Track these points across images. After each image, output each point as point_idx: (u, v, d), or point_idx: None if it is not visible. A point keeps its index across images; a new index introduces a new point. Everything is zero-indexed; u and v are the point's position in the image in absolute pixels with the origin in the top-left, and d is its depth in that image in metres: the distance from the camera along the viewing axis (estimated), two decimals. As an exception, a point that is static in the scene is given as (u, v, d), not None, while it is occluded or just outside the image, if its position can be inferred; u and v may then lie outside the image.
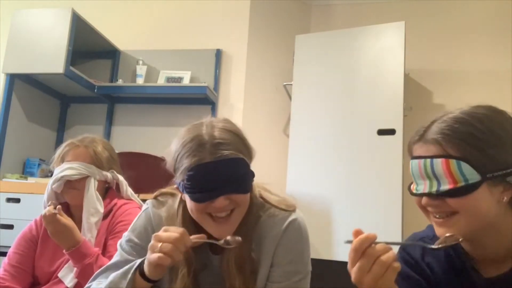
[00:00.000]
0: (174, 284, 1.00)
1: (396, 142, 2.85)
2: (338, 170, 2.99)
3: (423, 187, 0.83)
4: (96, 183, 1.47)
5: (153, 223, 1.07)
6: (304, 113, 3.16)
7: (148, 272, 0.93)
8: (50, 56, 2.79)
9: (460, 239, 0.79)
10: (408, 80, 3.24)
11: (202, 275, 1.03)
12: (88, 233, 1.40)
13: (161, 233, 0.91)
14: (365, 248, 0.76)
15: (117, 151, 1.65)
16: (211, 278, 1.02)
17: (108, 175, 1.51)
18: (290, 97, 3.37)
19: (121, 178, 1.55)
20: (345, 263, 0.80)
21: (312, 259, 1.07)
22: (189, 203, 0.96)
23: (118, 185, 1.56)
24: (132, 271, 0.95)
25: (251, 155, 1.04)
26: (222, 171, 0.92)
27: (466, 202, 0.79)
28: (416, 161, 0.84)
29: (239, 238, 0.94)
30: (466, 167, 0.78)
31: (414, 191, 0.86)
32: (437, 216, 0.83)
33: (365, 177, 2.91)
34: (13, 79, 2.88)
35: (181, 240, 0.89)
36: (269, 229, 1.02)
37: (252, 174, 1.00)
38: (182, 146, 0.95)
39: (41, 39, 2.83)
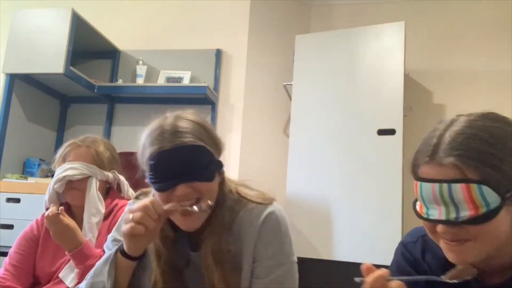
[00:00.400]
0: (159, 284, 1.00)
1: (396, 142, 2.85)
2: (338, 170, 2.99)
3: (437, 212, 0.75)
4: (98, 183, 1.47)
5: None
6: (304, 113, 3.16)
7: (127, 248, 0.93)
8: (50, 56, 2.79)
9: (475, 274, 0.74)
10: (408, 80, 3.24)
11: (187, 274, 1.03)
12: (90, 233, 1.40)
13: (133, 205, 0.93)
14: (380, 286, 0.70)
15: (117, 151, 1.65)
16: (196, 277, 1.01)
17: (110, 175, 1.51)
18: (290, 97, 3.37)
19: (122, 178, 1.55)
20: (345, 263, 0.80)
21: (312, 259, 1.07)
22: (155, 195, 0.97)
23: (119, 186, 1.56)
24: (113, 253, 0.96)
25: (218, 146, 1.01)
26: (181, 158, 0.92)
27: (487, 229, 0.72)
28: (428, 184, 0.75)
29: (209, 202, 0.94)
30: (487, 190, 0.71)
31: (425, 215, 0.78)
32: (449, 240, 0.76)
33: (365, 177, 2.91)
34: (13, 79, 2.88)
35: (151, 207, 0.89)
36: (248, 225, 1.01)
37: (218, 164, 0.99)
38: (146, 138, 0.97)
39: (41, 39, 2.83)
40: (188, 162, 0.92)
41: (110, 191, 1.56)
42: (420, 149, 0.81)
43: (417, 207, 0.81)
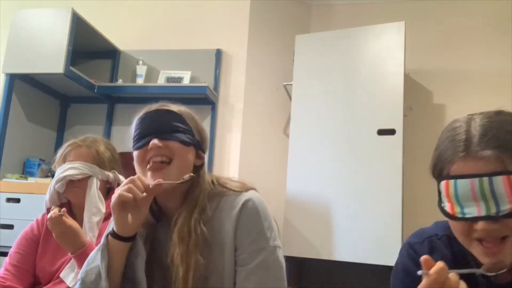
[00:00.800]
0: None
1: (396, 142, 2.85)
2: (338, 170, 2.99)
3: (475, 210, 0.72)
4: (98, 183, 1.47)
5: None
6: (304, 113, 3.16)
7: (116, 224, 0.97)
8: (50, 56, 2.79)
9: (509, 266, 0.72)
10: (408, 80, 3.24)
11: (156, 250, 1.05)
12: (90, 232, 1.40)
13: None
14: (444, 280, 0.69)
15: (117, 151, 1.65)
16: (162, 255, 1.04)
17: (110, 175, 1.52)
18: (290, 97, 3.37)
19: (122, 178, 1.55)
20: (345, 263, 0.80)
21: (312, 259, 1.07)
22: (135, 159, 1.05)
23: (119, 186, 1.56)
24: (104, 237, 0.99)
25: (201, 134, 1.10)
26: (160, 119, 1.04)
27: None
28: (465, 181, 0.73)
29: (191, 174, 1.02)
30: None
31: (459, 215, 0.75)
32: (489, 239, 0.74)
33: (365, 177, 2.91)
34: (13, 79, 2.88)
35: (137, 179, 0.97)
36: (226, 214, 1.03)
37: (196, 142, 1.06)
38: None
39: (41, 39, 2.83)
40: (166, 122, 1.03)
41: (110, 191, 1.55)
42: (444, 148, 0.78)
43: (447, 209, 0.77)
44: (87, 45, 3.19)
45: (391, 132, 2.88)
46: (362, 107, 3.01)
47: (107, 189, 1.55)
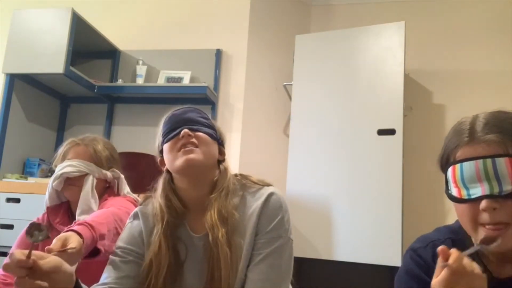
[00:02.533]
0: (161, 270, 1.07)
1: (396, 142, 2.85)
2: (338, 170, 2.99)
3: (479, 190, 0.78)
4: (95, 181, 1.47)
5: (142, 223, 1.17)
6: (304, 113, 3.16)
7: None
8: (50, 56, 2.79)
9: (499, 241, 0.76)
10: (408, 80, 3.24)
11: (186, 264, 1.10)
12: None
13: None
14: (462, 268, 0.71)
15: (117, 151, 1.65)
16: (195, 264, 1.10)
17: (108, 174, 1.51)
18: (290, 97, 3.37)
19: (122, 177, 1.55)
20: (345, 263, 0.80)
21: (312, 259, 1.09)
22: (166, 150, 1.13)
23: (120, 186, 1.56)
24: None
25: (221, 136, 1.22)
26: (188, 115, 1.17)
27: None
28: (471, 162, 0.78)
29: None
30: None
31: (465, 197, 0.80)
32: (491, 221, 0.77)
33: (365, 177, 2.91)
34: (13, 79, 2.88)
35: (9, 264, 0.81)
36: (251, 204, 1.13)
37: (219, 139, 1.19)
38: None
39: (41, 39, 2.83)
40: (195, 117, 1.16)
41: (107, 190, 1.55)
42: (450, 139, 0.84)
43: (454, 193, 0.82)
44: (87, 45, 3.19)
45: (391, 132, 2.88)
46: (362, 107, 3.01)
47: (105, 188, 1.55)
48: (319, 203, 2.98)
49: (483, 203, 0.77)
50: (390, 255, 2.71)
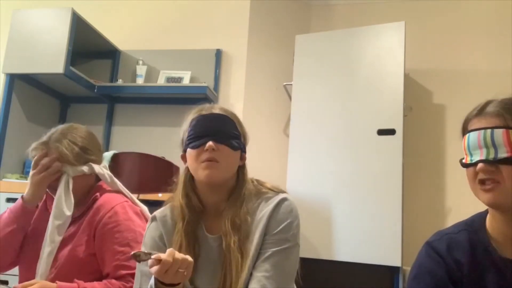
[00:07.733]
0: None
1: (396, 142, 2.85)
2: (338, 170, 2.99)
3: (479, 155, 0.91)
4: (71, 181, 1.37)
5: (161, 229, 1.18)
6: (304, 113, 3.16)
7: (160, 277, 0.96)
8: (50, 56, 2.80)
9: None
10: (408, 80, 3.24)
11: (199, 263, 1.12)
12: (51, 243, 1.32)
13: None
14: None
15: (117, 151, 1.62)
16: (207, 264, 1.13)
17: (84, 169, 1.39)
18: (290, 97, 3.37)
19: (97, 169, 1.42)
20: (345, 263, 0.80)
21: (312, 259, 1.10)
22: (189, 156, 1.14)
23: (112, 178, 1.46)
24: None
25: (245, 136, 1.24)
26: (215, 123, 1.16)
27: None
28: (475, 132, 0.92)
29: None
30: None
31: (469, 162, 0.94)
32: (486, 183, 0.90)
33: (365, 177, 2.91)
34: (13, 79, 2.88)
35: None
36: (264, 208, 1.15)
37: (242, 146, 1.19)
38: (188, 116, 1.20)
39: (41, 39, 2.83)
40: (220, 127, 1.15)
41: (97, 186, 1.45)
42: (469, 113, 0.98)
43: (464, 160, 0.96)
44: (87, 45, 3.19)
45: (391, 132, 2.88)
46: (362, 107, 3.01)
47: (94, 183, 1.46)
48: (319, 203, 2.98)
49: (478, 166, 0.91)
50: (390, 255, 2.71)
